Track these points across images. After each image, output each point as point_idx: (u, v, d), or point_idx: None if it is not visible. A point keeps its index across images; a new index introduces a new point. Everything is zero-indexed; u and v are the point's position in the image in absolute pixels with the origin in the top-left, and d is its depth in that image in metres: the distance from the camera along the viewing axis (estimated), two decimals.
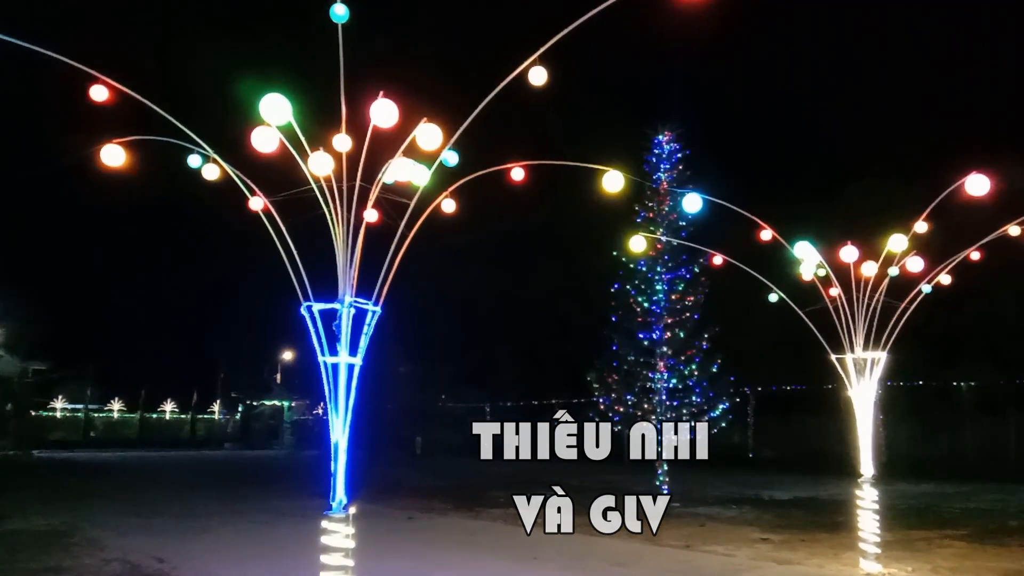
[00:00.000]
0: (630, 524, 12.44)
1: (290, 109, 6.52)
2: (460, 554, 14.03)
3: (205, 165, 7.52)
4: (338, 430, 6.59)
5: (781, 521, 18.36)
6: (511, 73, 6.59)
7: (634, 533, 15.94)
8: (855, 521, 12.35)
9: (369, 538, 13.62)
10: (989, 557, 13.39)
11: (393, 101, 6.61)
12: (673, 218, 24.91)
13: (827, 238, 13.08)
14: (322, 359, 6.70)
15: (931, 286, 12.83)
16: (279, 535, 15.65)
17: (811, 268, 12.78)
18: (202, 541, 14.91)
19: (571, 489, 21.74)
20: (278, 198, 7.22)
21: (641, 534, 15.78)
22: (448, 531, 16.84)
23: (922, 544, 14.65)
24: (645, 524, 12.24)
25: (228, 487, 27.24)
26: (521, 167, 8.27)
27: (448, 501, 21.88)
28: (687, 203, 11.28)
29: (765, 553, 13.89)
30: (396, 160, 7.11)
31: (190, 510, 19.48)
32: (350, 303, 6.72)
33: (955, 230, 12.94)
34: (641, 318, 25.02)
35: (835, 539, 15.16)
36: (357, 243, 6.91)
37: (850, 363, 12.68)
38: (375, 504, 20.56)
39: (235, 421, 68.62)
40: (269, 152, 6.97)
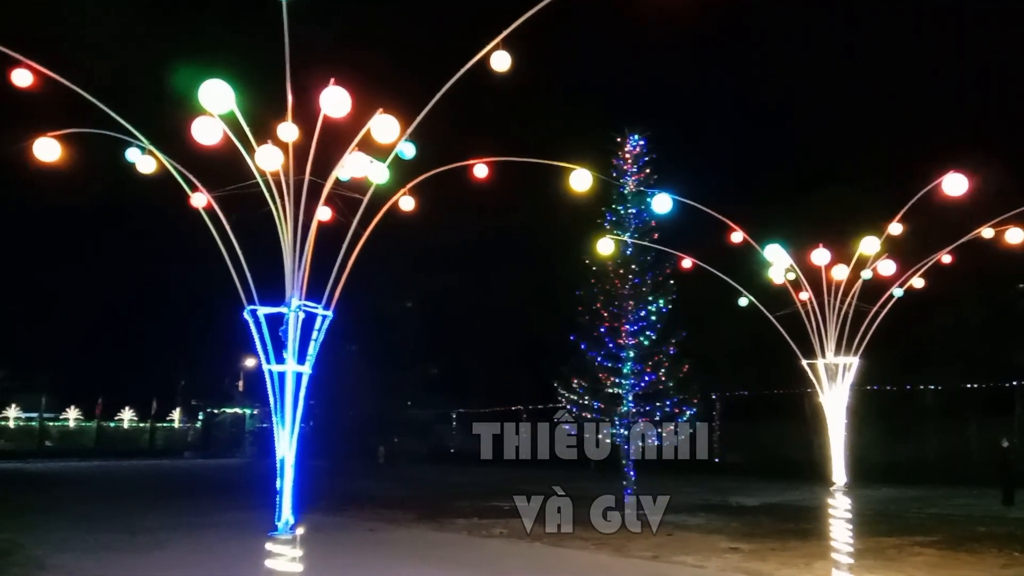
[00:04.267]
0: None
1: (233, 97, 6.01)
2: (422, 568, 13.50)
3: (142, 158, 6.97)
4: (284, 444, 6.07)
5: (750, 529, 18.11)
6: (472, 60, 6.16)
7: (601, 544, 15.62)
8: (826, 529, 12.06)
9: (326, 553, 13.06)
10: (962, 565, 13.21)
11: (345, 89, 6.13)
12: (641, 221, 24.65)
13: (798, 241, 12.82)
14: (267, 367, 6.19)
15: (903, 290, 12.61)
16: (232, 553, 14.94)
17: (781, 271, 12.50)
18: (151, 559, 14.23)
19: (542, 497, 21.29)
20: (221, 193, 6.69)
21: (609, 545, 15.46)
22: (410, 544, 16.30)
23: (893, 552, 14.45)
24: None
25: (186, 499, 26.40)
26: (485, 163, 7.83)
27: (411, 512, 21.33)
28: (657, 204, 10.91)
29: (735, 564, 13.57)
30: (351, 155, 6.63)
31: (144, 524, 18.70)
32: (298, 307, 6.22)
33: (925, 234, 12.76)
34: (608, 323, 24.70)
35: (806, 548, 14.91)
36: (307, 242, 6.41)
37: (821, 368, 12.41)
38: (335, 516, 19.96)
39: (195, 430, 67.19)
40: (212, 144, 6.45)
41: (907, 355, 32.93)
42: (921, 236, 12.81)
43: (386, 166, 6.90)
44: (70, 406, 64.55)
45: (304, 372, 6.29)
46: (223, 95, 5.93)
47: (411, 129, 6.56)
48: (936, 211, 11.38)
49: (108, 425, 65.72)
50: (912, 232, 12.04)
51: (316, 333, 6.33)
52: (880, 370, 27.35)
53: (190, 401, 67.64)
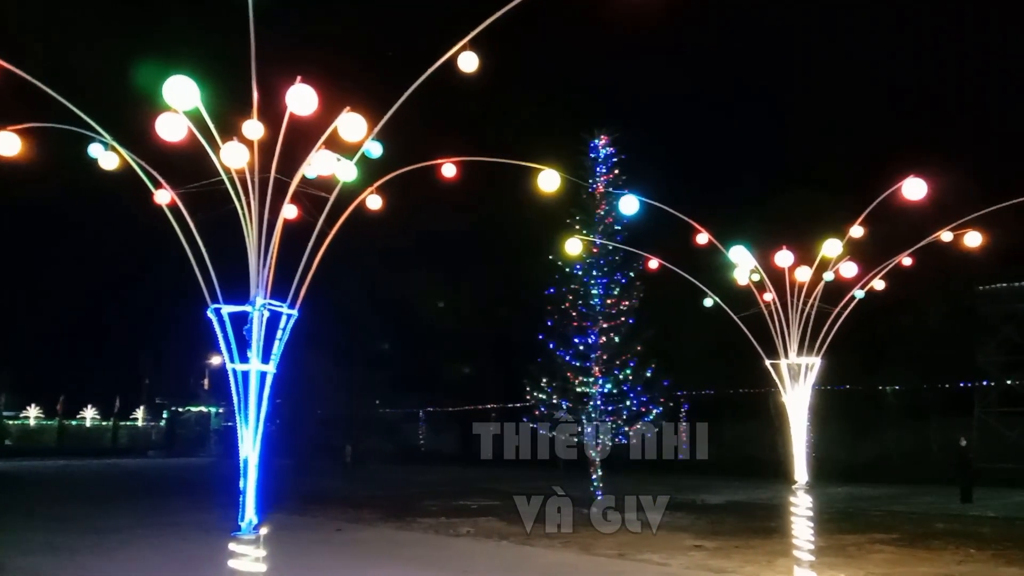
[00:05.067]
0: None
1: (198, 94, 5.97)
2: (388, 568, 13.47)
3: (105, 154, 6.89)
4: (248, 444, 6.04)
5: (714, 527, 18.29)
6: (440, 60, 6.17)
7: (568, 542, 15.70)
8: (788, 527, 12.25)
9: (291, 553, 13.01)
10: (920, 562, 13.46)
11: (312, 87, 6.11)
12: (609, 222, 24.79)
13: (762, 243, 12.99)
14: (231, 366, 6.15)
15: (864, 291, 12.83)
16: (195, 553, 14.78)
17: (746, 273, 12.66)
18: (113, 560, 14.04)
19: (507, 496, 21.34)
20: (186, 190, 6.64)
21: (575, 543, 15.55)
22: (376, 544, 16.25)
23: (853, 549, 14.69)
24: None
25: (149, 499, 26.07)
26: (453, 163, 7.84)
27: (377, 511, 21.25)
28: (624, 205, 11.01)
29: (700, 561, 13.71)
30: (318, 153, 6.61)
31: (106, 524, 18.43)
32: (262, 305, 6.19)
33: (886, 237, 12.99)
34: (577, 322, 24.81)
35: (768, 545, 15.10)
36: (272, 240, 6.38)
37: (784, 368, 12.59)
38: (300, 516, 19.84)
39: (159, 428, 66.30)
40: (176, 141, 6.39)
41: (868, 356, 33.50)
42: (882, 239, 13.06)
43: (353, 164, 6.89)
44: (31, 404, 63.38)
45: (269, 371, 6.26)
46: (188, 92, 5.89)
47: (378, 128, 6.57)
48: (897, 215, 11.61)
49: (70, 423, 64.67)
50: (873, 235, 12.27)
51: (281, 332, 6.31)
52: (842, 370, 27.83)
53: (154, 399, 66.76)
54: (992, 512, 21.02)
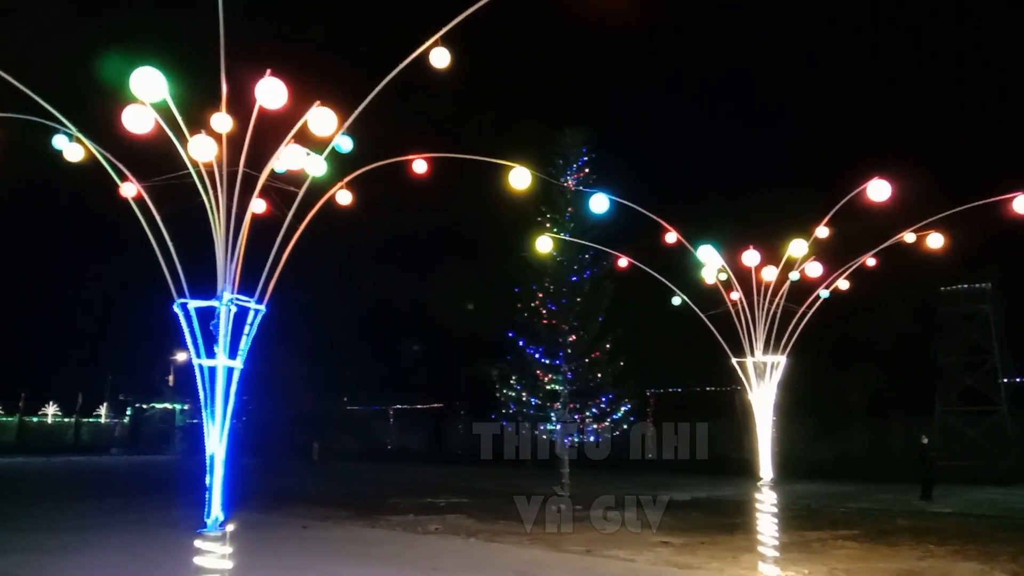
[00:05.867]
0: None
1: (166, 85, 5.90)
2: (356, 568, 13.40)
3: (70, 146, 6.77)
4: (214, 440, 5.98)
5: (681, 523, 18.46)
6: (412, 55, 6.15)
7: (536, 539, 15.76)
8: (753, 523, 12.40)
9: (257, 552, 12.90)
10: (881, 557, 13.70)
11: (282, 81, 6.06)
12: (579, 220, 24.89)
13: (729, 243, 13.13)
14: (197, 362, 6.09)
15: (829, 291, 13.02)
16: (159, 550, 14.60)
17: (714, 272, 12.79)
18: (74, 558, 13.81)
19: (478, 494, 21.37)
20: (152, 183, 6.55)
21: (543, 540, 15.60)
22: (344, 541, 16.16)
23: (817, 545, 14.91)
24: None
25: (112, 496, 25.67)
26: (424, 159, 7.83)
27: (345, 509, 21.14)
28: (594, 203, 11.07)
29: (666, 557, 13.84)
30: (287, 147, 6.56)
31: (68, 523, 18.14)
32: (230, 300, 6.13)
33: (851, 238, 13.19)
34: (547, 320, 24.88)
35: (733, 542, 15.27)
36: (240, 235, 6.32)
37: (750, 366, 12.74)
38: (266, 513, 19.69)
39: (123, 425, 65.31)
40: (143, 133, 6.31)
41: (833, 355, 34.02)
42: (847, 240, 13.27)
43: (323, 159, 6.85)
44: None
45: (236, 367, 6.21)
46: (155, 83, 5.82)
47: (349, 122, 6.53)
48: (861, 216, 11.80)
49: (31, 420, 63.47)
50: (838, 236, 12.46)
51: (248, 327, 6.26)
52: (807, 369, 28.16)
53: (118, 396, 65.75)
54: (951, 509, 21.46)
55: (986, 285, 33.93)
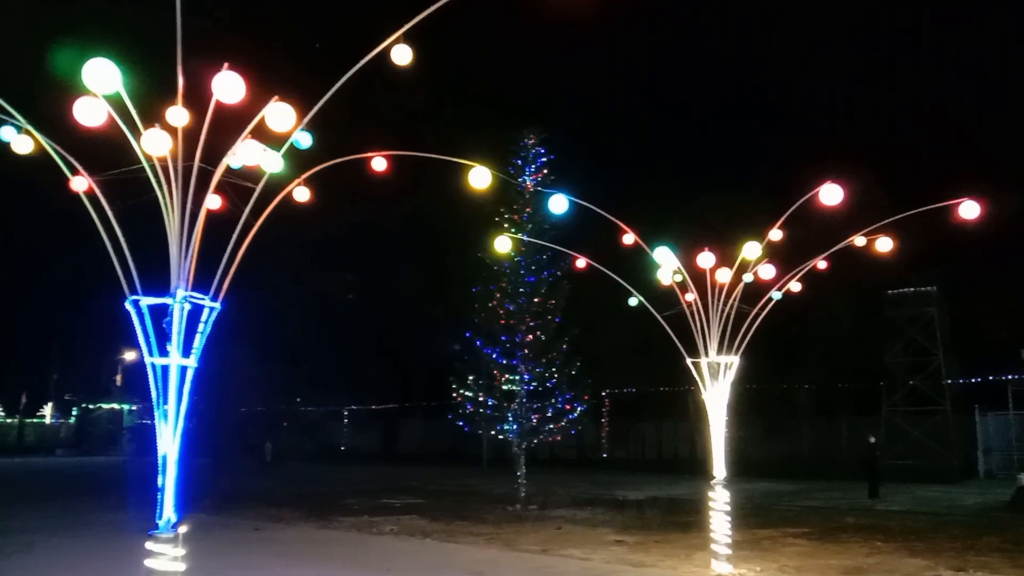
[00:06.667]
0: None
1: (119, 78, 5.78)
2: (309, 569, 13.25)
3: (18, 138, 6.59)
4: (167, 439, 5.87)
5: (635, 522, 18.64)
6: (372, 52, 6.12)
7: (492, 539, 15.76)
8: (706, 521, 12.59)
9: (208, 554, 12.67)
10: (830, 554, 13.99)
11: (240, 76, 5.98)
12: (537, 221, 24.94)
13: (685, 245, 13.32)
14: (149, 360, 5.97)
15: (781, 293, 13.27)
16: (108, 553, 14.27)
17: (669, 273, 12.95)
18: (19, 561, 13.44)
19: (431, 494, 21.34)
20: (104, 177, 6.41)
21: (499, 540, 15.61)
22: (298, 543, 15.98)
23: (768, 543, 15.16)
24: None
25: (60, 498, 25.00)
26: (383, 156, 7.79)
27: (298, 510, 20.90)
28: (553, 204, 11.13)
29: (621, 556, 13.95)
30: (244, 142, 6.47)
31: (9, 525, 17.62)
32: (183, 298, 6.03)
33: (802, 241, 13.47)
34: (504, 320, 24.88)
35: (687, 540, 15.45)
36: (195, 231, 6.22)
37: (704, 367, 12.92)
38: (219, 515, 19.38)
39: (69, 426, 63.66)
40: (95, 126, 6.17)
41: (783, 355, 34.61)
42: (799, 243, 13.54)
43: (280, 155, 6.77)
44: None
45: (189, 366, 6.10)
46: (108, 75, 5.69)
47: (308, 119, 6.47)
48: (813, 220, 12.05)
49: None
50: (791, 239, 12.72)
51: (202, 325, 6.16)
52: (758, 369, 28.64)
53: (64, 395, 64.05)
54: (897, 506, 22.00)
55: (931, 288, 34.79)
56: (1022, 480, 21.88)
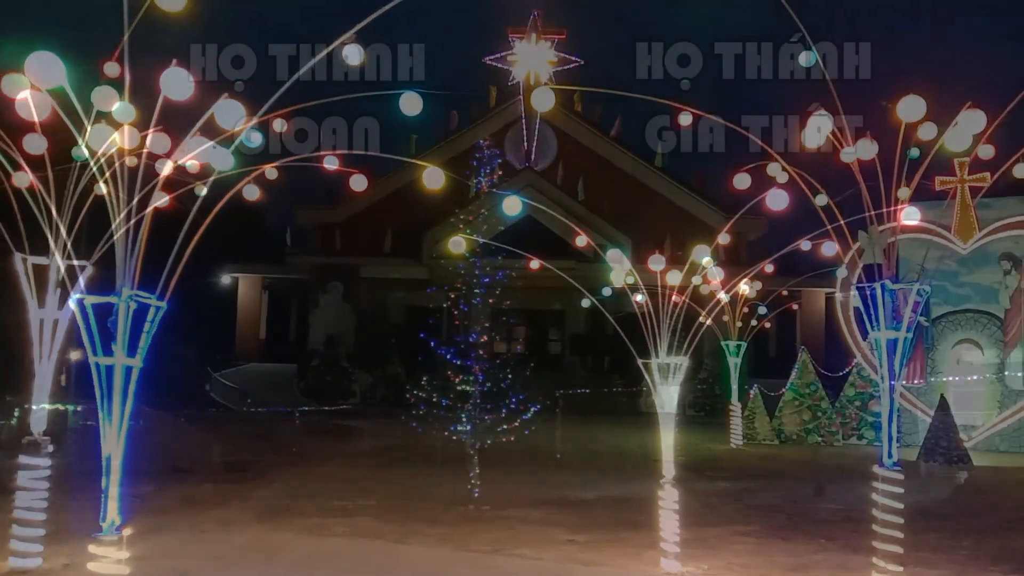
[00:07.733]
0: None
1: (63, 71, 5.66)
2: (259, 569, 13.11)
3: None
4: (111, 441, 5.76)
5: (587, 521, 18.76)
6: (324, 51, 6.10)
7: (444, 539, 15.75)
8: (655, 520, 12.78)
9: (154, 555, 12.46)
10: (777, 552, 14.29)
11: (187, 71, 5.89)
12: (491, 222, 25.02)
13: (637, 247, 13.55)
14: (93, 360, 5.87)
15: (728, 295, 13.57)
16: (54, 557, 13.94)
17: (622, 275, 13.15)
18: None
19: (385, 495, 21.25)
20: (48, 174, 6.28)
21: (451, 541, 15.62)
22: (244, 548, 15.70)
23: (716, 541, 15.41)
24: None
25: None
26: (335, 155, 7.76)
27: (249, 512, 20.57)
28: (507, 206, 11.23)
29: (572, 555, 14.07)
30: (192, 139, 6.40)
31: None
32: (129, 297, 5.93)
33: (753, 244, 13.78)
34: (458, 321, 24.89)
35: (637, 538, 15.62)
36: (141, 229, 6.12)
37: (655, 367, 13.15)
38: (166, 516, 19.01)
39: (10, 427, 61.85)
40: (38, 121, 6.05)
41: None
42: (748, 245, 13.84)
43: (229, 153, 6.71)
44: None
45: (135, 366, 6.01)
46: (53, 68, 5.57)
47: (256, 119, 6.42)
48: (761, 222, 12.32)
49: None
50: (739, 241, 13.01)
51: (148, 325, 6.07)
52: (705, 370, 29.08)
53: (4, 396, 62.27)
54: (841, 505, 22.47)
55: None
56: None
